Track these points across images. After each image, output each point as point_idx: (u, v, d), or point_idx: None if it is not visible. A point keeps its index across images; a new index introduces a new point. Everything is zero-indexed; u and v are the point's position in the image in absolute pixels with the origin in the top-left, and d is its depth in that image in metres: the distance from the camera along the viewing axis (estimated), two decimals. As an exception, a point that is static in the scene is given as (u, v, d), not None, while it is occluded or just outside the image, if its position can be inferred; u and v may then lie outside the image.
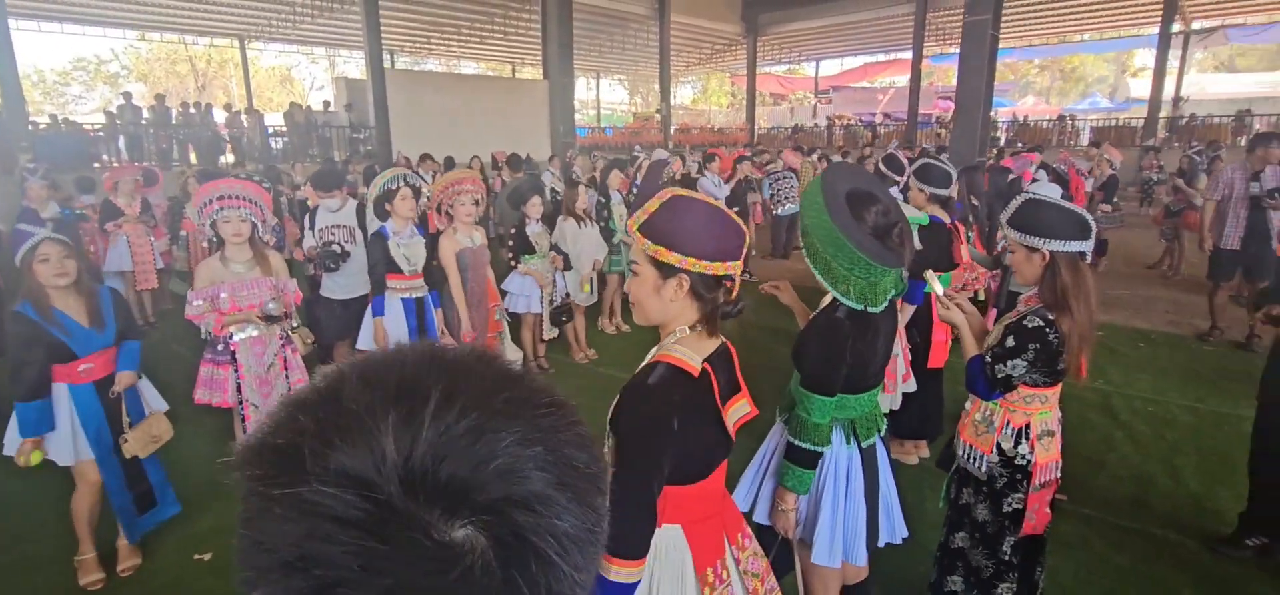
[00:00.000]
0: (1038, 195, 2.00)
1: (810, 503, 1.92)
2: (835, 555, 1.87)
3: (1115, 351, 5.42)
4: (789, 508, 1.86)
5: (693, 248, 1.27)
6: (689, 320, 1.34)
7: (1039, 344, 1.90)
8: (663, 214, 1.29)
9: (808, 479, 1.83)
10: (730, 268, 1.31)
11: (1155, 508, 3.27)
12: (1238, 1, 16.68)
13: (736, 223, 1.35)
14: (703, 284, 1.31)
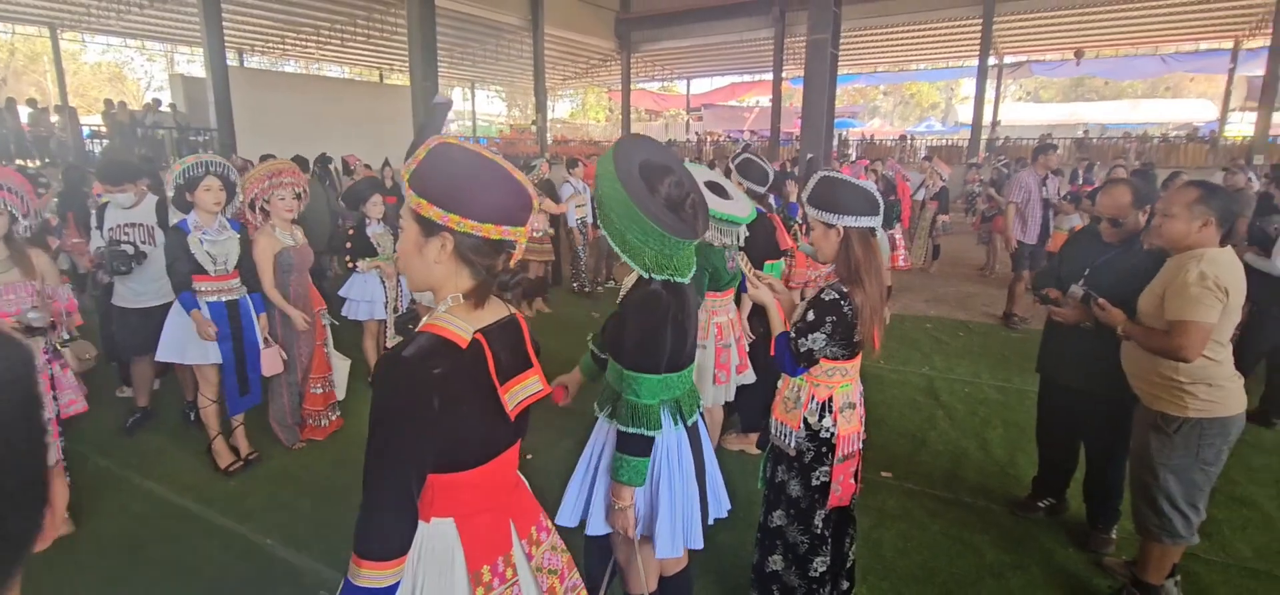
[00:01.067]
0: (832, 174, 2.09)
1: (647, 495, 1.84)
2: (677, 544, 1.81)
3: (940, 341, 5.95)
4: (627, 503, 1.77)
5: (458, 205, 1.14)
6: (461, 287, 1.21)
7: (835, 316, 1.98)
8: (429, 163, 1.15)
9: (643, 468, 1.75)
10: (508, 232, 1.19)
11: (967, 478, 3.57)
12: (1039, 41, 19.27)
13: (519, 184, 1.22)
14: (472, 247, 1.19)
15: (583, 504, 1.88)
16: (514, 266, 1.26)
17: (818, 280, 4.56)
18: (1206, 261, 2.22)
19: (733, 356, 3.18)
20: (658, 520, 1.80)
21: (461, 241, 1.17)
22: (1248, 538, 3.03)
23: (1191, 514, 2.39)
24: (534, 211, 1.26)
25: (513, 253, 1.24)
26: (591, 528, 1.86)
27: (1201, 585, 2.72)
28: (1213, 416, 2.30)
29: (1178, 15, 15.81)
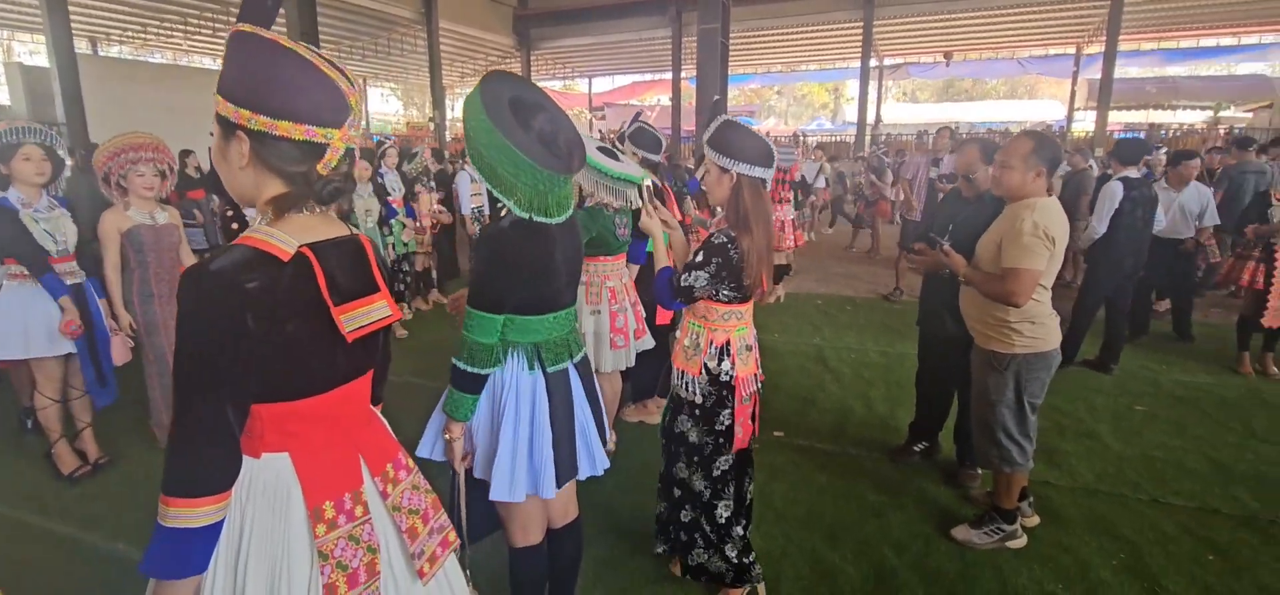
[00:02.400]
0: (734, 120, 2.13)
1: (489, 435, 1.81)
2: (517, 488, 1.76)
3: (829, 315, 6.27)
4: (454, 436, 1.76)
5: (253, 101, 1.02)
6: (270, 195, 1.09)
7: (721, 258, 2.03)
8: (226, 57, 1.05)
9: (468, 404, 1.73)
10: (315, 133, 1.06)
11: (851, 433, 3.77)
12: (913, 45, 20.75)
13: (330, 81, 1.08)
14: (274, 150, 1.06)
15: (436, 437, 1.86)
16: (331, 175, 1.13)
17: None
18: (1038, 211, 2.43)
19: (630, 321, 3.20)
20: (496, 463, 1.76)
21: (262, 142, 1.06)
22: (1089, 465, 3.39)
23: (1026, 443, 2.62)
24: (352, 115, 1.13)
25: (325, 157, 1.11)
26: (421, 449, 1.85)
27: (1053, 506, 3.00)
28: (1035, 352, 2.52)
29: (1030, 22, 17.50)
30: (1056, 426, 3.80)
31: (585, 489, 3.10)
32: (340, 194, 1.15)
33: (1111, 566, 2.60)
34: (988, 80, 28.59)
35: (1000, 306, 2.52)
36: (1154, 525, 2.85)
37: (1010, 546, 2.69)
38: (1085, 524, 2.87)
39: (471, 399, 1.74)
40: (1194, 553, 2.67)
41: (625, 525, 2.87)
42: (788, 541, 2.74)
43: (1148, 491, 3.13)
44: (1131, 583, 2.50)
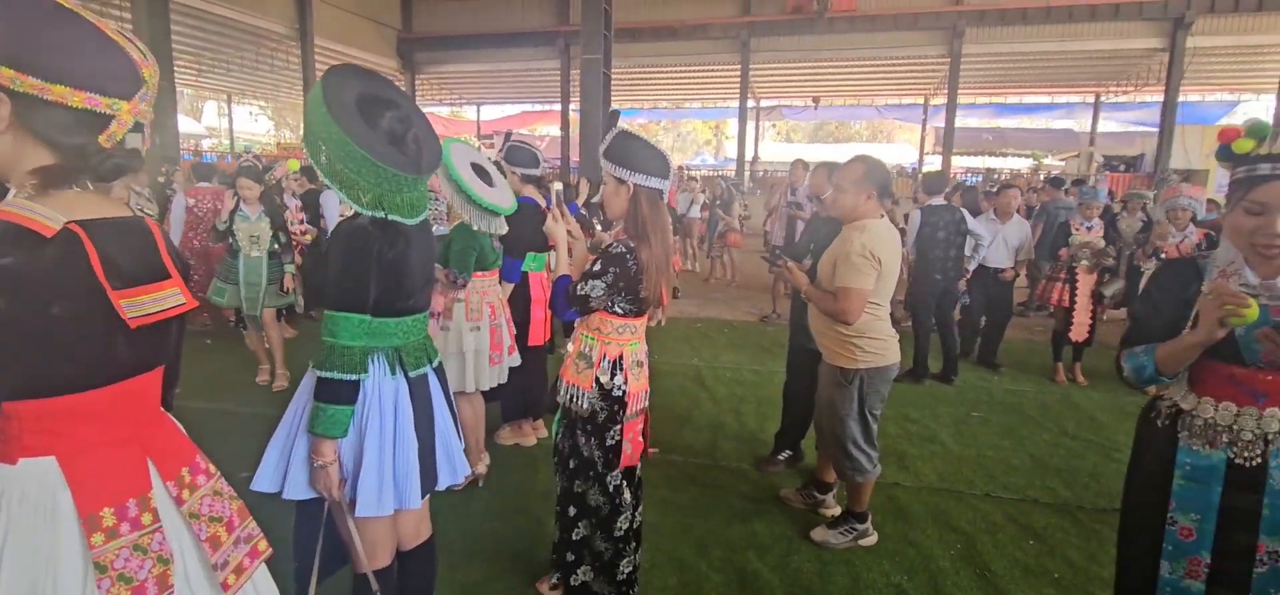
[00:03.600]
0: (631, 132, 2.12)
1: (354, 450, 1.66)
2: (385, 501, 1.64)
3: (708, 337, 6.48)
4: (328, 459, 1.58)
5: (19, 58, 0.92)
6: (34, 165, 0.98)
7: (619, 268, 2.01)
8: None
9: (344, 417, 1.57)
10: (100, 102, 0.98)
11: (723, 446, 3.88)
12: (786, 88, 22.28)
13: (117, 46, 1.00)
14: (43, 117, 0.96)
15: (284, 466, 1.66)
16: (114, 149, 1.03)
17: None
18: (868, 233, 2.61)
19: (505, 337, 3.13)
20: (361, 475, 1.63)
21: (28, 107, 0.95)
22: (933, 466, 3.68)
23: (872, 451, 2.79)
24: (145, 89, 1.04)
25: (109, 129, 1.01)
26: (289, 490, 1.64)
27: (901, 504, 3.23)
28: (875, 366, 2.69)
29: (885, 74, 19.36)
30: (906, 433, 4.11)
31: (452, 512, 2.98)
32: (122, 170, 1.03)
33: (950, 556, 2.82)
34: (852, 124, 31.15)
35: (838, 323, 2.68)
36: (985, 516, 3.14)
37: (863, 544, 2.86)
38: (928, 519, 3.10)
39: (348, 411, 1.58)
40: (1017, 538, 2.96)
41: (493, 549, 2.77)
42: (656, 553, 2.76)
43: (981, 487, 3.44)
44: (966, 569, 2.73)
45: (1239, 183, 1.47)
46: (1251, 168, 1.43)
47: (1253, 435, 1.46)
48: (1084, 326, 5.18)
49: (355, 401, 1.59)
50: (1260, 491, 1.46)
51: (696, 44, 18.45)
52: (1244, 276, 1.48)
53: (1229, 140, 1.46)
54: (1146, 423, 1.67)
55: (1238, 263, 1.49)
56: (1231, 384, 1.49)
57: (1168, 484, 1.55)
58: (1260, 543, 1.46)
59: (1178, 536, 1.55)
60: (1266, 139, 1.42)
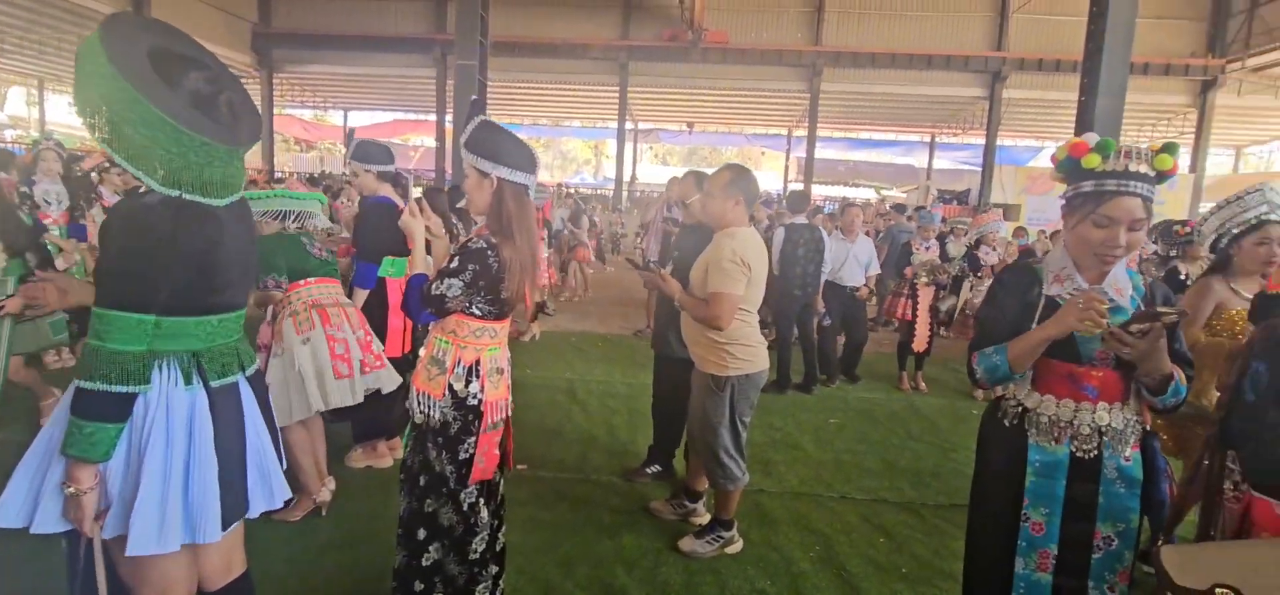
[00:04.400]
0: (495, 122, 1.98)
1: (125, 475, 1.37)
2: (170, 535, 1.36)
3: (582, 351, 6.39)
4: (83, 487, 1.30)
5: None
6: None
7: (478, 266, 1.86)
8: None
9: (106, 437, 1.30)
10: None
11: (594, 460, 3.79)
12: (663, 112, 22.97)
13: None
14: None
15: (35, 495, 1.35)
16: None
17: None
18: (737, 240, 2.64)
19: (354, 348, 2.83)
20: (138, 505, 1.35)
21: None
22: (795, 471, 3.81)
23: (741, 459, 2.81)
24: None
25: None
26: (40, 522, 1.33)
27: (765, 510, 3.30)
28: (746, 373, 2.72)
29: (753, 105, 20.55)
30: (771, 441, 4.25)
31: (285, 545, 2.64)
32: None
33: (810, 558, 2.90)
34: (724, 150, 32.64)
35: (711, 330, 2.68)
36: (841, 518, 3.28)
37: (729, 552, 2.87)
38: (790, 523, 3.19)
39: (114, 429, 1.30)
40: (869, 537, 3.11)
41: (333, 584, 2.49)
42: (520, 575, 2.60)
43: (838, 490, 3.60)
44: (824, 570, 2.81)
45: (1086, 196, 1.56)
46: (1099, 183, 1.54)
47: (1089, 429, 1.58)
48: (924, 338, 5.67)
49: (124, 418, 1.32)
50: (1097, 482, 1.58)
51: (576, 63, 18.52)
52: (1075, 281, 1.60)
53: (1079, 155, 1.56)
54: (993, 423, 1.73)
55: (1069, 268, 1.62)
56: (1069, 382, 1.60)
57: (1020, 481, 1.63)
58: (1097, 530, 1.59)
59: (1031, 532, 1.63)
60: (1111, 155, 1.54)
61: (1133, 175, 1.51)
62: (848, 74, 17.00)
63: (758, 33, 17.24)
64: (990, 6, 16.27)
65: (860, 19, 16.76)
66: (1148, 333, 1.40)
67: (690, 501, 3.13)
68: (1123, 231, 1.51)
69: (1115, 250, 1.52)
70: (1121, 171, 1.51)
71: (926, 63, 16.21)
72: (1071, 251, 1.62)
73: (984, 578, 1.75)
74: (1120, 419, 1.57)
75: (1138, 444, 1.58)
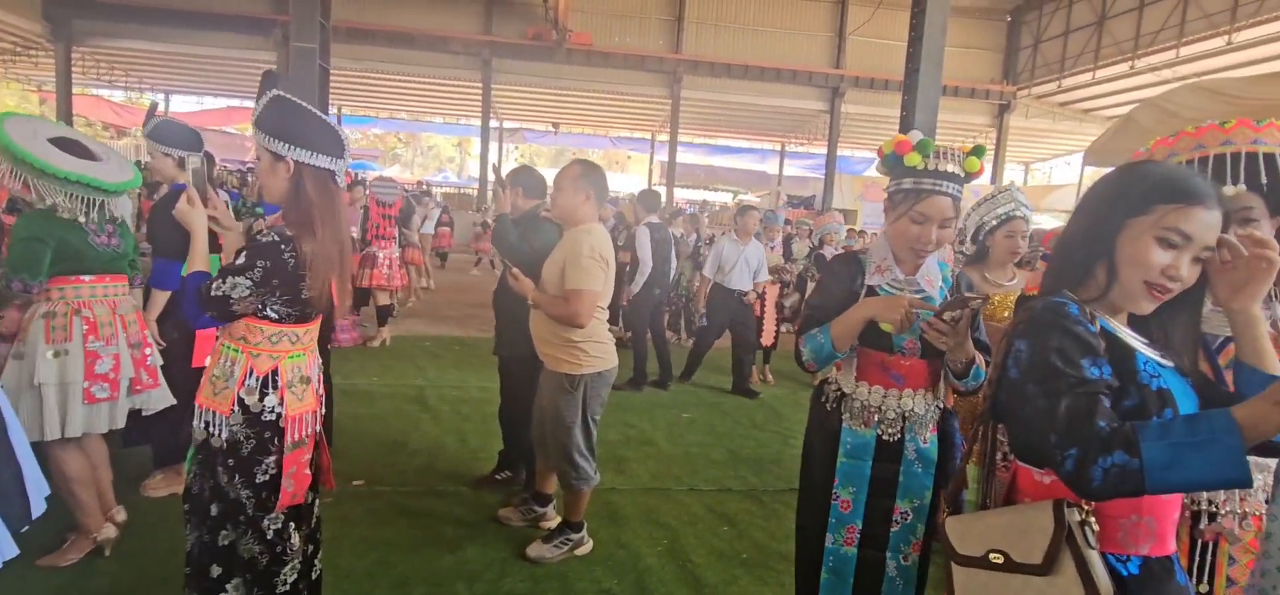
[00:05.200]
0: (290, 97, 1.76)
1: None
2: None
3: (436, 355, 6.11)
4: None
5: None
6: None
7: (270, 262, 1.66)
8: None
9: None
10: None
11: (441, 470, 3.62)
12: (529, 112, 22.61)
13: None
14: None
15: None
16: None
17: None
18: (594, 235, 2.65)
19: (125, 365, 2.45)
20: None
21: None
22: (647, 467, 3.88)
23: (593, 459, 2.80)
24: None
25: None
26: None
27: (616, 508, 3.31)
28: (598, 371, 2.72)
29: (617, 108, 20.78)
30: (625, 439, 4.29)
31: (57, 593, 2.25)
32: None
33: (656, 553, 2.95)
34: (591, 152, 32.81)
35: (566, 328, 2.65)
36: (688, 510, 3.37)
37: (578, 554, 2.85)
38: (639, 519, 3.23)
39: None
40: (713, 527, 3.22)
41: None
42: (348, 601, 2.41)
43: (686, 482, 3.71)
44: (670, 563, 2.87)
45: (906, 193, 1.69)
46: (918, 181, 1.67)
47: (894, 414, 1.72)
48: (771, 333, 6.02)
49: None
50: (898, 462, 1.73)
51: (437, 56, 17.73)
52: (894, 272, 1.75)
53: (903, 152, 1.69)
54: (818, 406, 1.85)
55: (888, 259, 1.76)
56: (881, 370, 1.74)
57: (834, 462, 1.76)
58: (896, 505, 1.74)
59: (840, 509, 1.76)
60: (929, 155, 1.67)
61: (945, 175, 1.66)
62: (706, 82, 17.70)
63: (621, 37, 17.48)
64: (830, 27, 17.67)
65: (717, 30, 17.52)
66: (959, 320, 1.54)
67: (539, 505, 3.08)
68: (934, 228, 1.66)
69: (928, 245, 1.67)
70: (936, 171, 1.66)
71: (776, 76, 17.29)
72: (892, 244, 1.76)
73: (806, 550, 1.86)
74: (923, 405, 1.73)
75: (936, 427, 1.75)
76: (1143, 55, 14.51)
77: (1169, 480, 0.88)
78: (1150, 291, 1.05)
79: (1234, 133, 1.25)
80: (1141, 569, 1.04)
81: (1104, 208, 1.09)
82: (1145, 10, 14.52)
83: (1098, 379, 0.99)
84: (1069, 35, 16.53)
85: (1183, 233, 1.02)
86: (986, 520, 1.15)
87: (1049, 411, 0.99)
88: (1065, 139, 19.95)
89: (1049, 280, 1.17)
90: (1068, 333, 1.02)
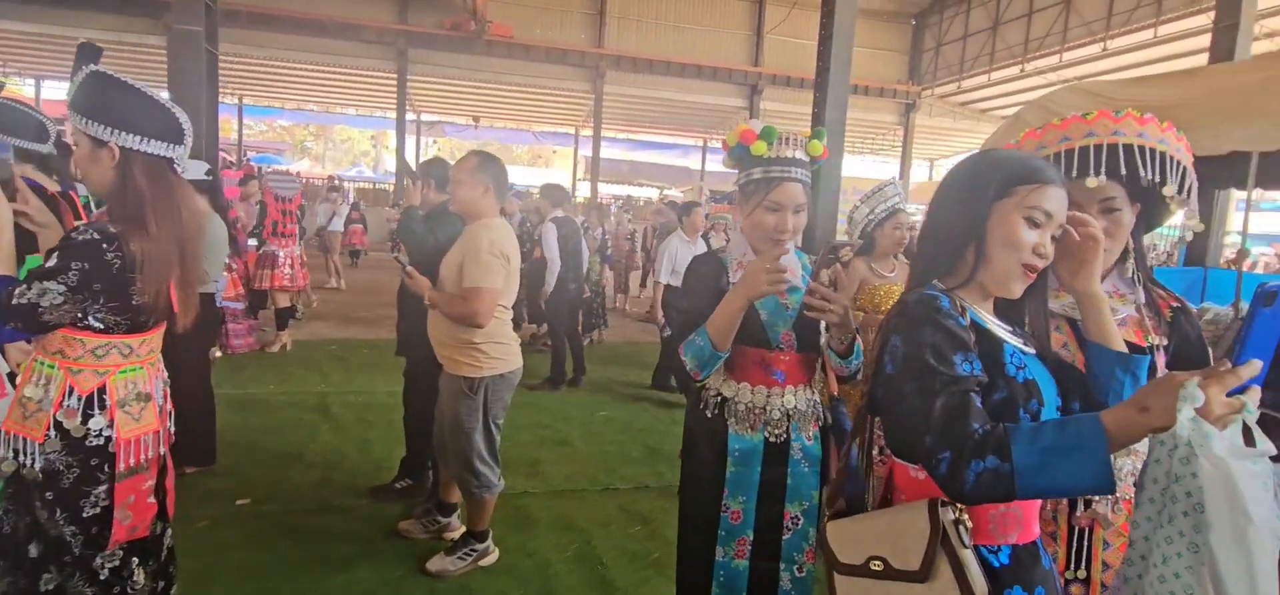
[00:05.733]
0: (112, 74, 1.53)
1: None
2: None
3: (342, 359, 5.79)
4: None
5: None
6: None
7: (88, 264, 1.45)
8: None
9: None
10: None
11: (339, 482, 3.40)
12: (448, 105, 21.88)
13: None
14: None
15: None
16: None
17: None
18: (495, 231, 2.52)
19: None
20: None
21: None
22: (560, 469, 3.78)
23: (495, 464, 2.66)
24: None
25: None
26: None
27: (527, 513, 3.21)
28: (500, 373, 2.59)
29: (539, 103, 20.42)
30: (539, 440, 4.18)
31: None
32: None
33: (565, 558, 2.86)
34: (514, 147, 32.23)
35: (468, 329, 2.50)
36: (602, 511, 3.30)
37: (483, 565, 2.72)
38: (550, 524, 3.13)
39: None
40: (627, 527, 3.17)
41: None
42: (221, 634, 2.20)
43: (602, 482, 3.64)
44: (580, 568, 2.80)
45: (757, 183, 1.64)
46: (767, 170, 1.63)
47: (779, 413, 1.64)
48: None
49: None
50: (786, 464, 1.66)
51: (348, 45, 16.90)
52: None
53: (748, 142, 1.63)
54: (696, 414, 1.73)
55: (749, 254, 1.70)
56: (761, 367, 1.67)
57: (722, 471, 1.66)
58: (786, 510, 1.66)
59: (730, 520, 1.66)
60: (775, 142, 1.63)
61: (792, 161, 1.63)
62: (629, 78, 17.67)
63: (543, 30, 17.18)
64: (748, 26, 18.02)
65: (639, 26, 17.51)
66: (835, 279, 1.51)
67: (443, 516, 2.93)
68: (789, 215, 1.62)
69: (785, 233, 1.62)
70: (784, 158, 1.62)
71: (697, 72, 17.47)
72: (750, 238, 1.71)
73: (693, 567, 1.74)
74: (805, 401, 1.68)
75: (818, 422, 1.71)
76: (1031, 59, 15.61)
77: (1038, 485, 0.89)
78: (1025, 272, 1.07)
79: (1095, 125, 1.28)
80: (1011, 558, 1.05)
81: (969, 195, 1.10)
82: (1033, 17, 15.60)
83: (969, 376, 0.99)
84: (967, 39, 17.53)
85: (1045, 211, 1.05)
86: (865, 524, 1.13)
87: (924, 411, 0.97)
88: (966, 137, 21.14)
89: (918, 270, 1.17)
90: (940, 328, 1.01)
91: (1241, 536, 0.81)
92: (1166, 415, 0.82)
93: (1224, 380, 0.83)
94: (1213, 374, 0.83)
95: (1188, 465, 0.85)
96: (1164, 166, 1.26)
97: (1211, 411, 0.82)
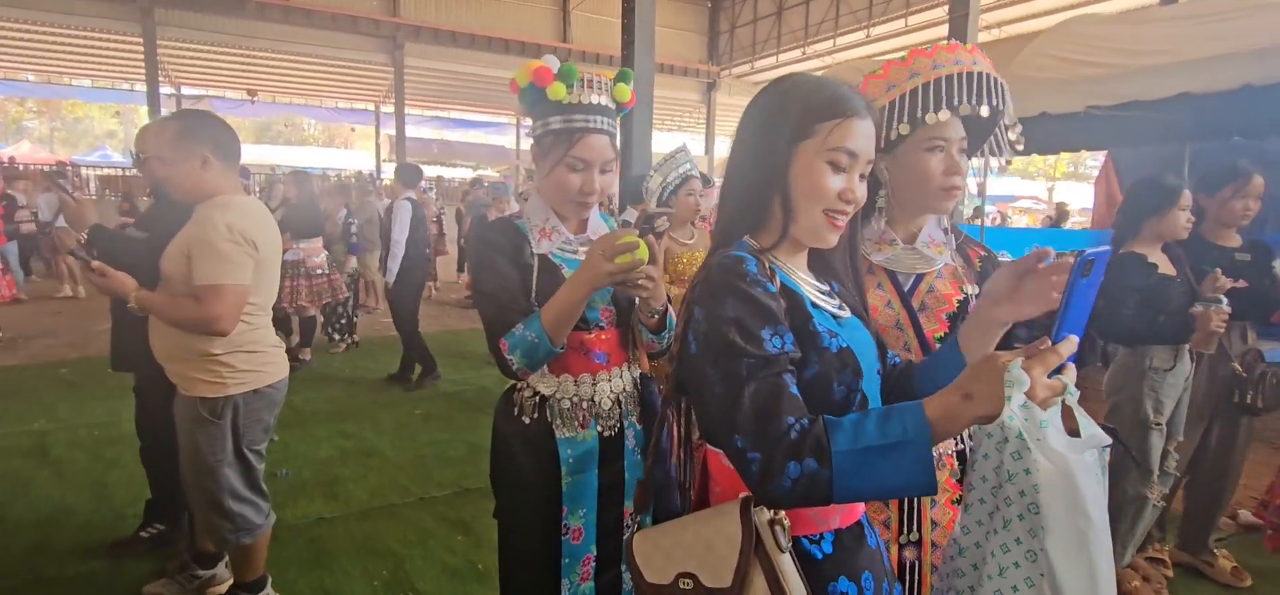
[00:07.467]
0: None
1: None
2: None
3: (78, 386, 4.69)
4: None
5: None
6: None
7: None
8: None
9: None
10: None
11: (60, 543, 2.68)
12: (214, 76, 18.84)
13: None
14: None
15: None
16: None
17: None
18: (231, 211, 1.96)
19: None
20: None
21: None
22: (366, 485, 3.34)
23: (261, 498, 2.17)
24: None
25: None
26: None
27: (324, 545, 2.76)
28: (255, 389, 2.08)
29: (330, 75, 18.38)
30: (340, 454, 3.68)
31: None
32: None
33: (374, 587, 2.50)
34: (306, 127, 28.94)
35: (202, 338, 1.97)
36: (418, 526, 2.95)
37: (265, 621, 2.26)
38: (355, 552, 2.72)
39: None
40: (447, 540, 2.86)
41: None
42: None
43: (416, 492, 3.27)
44: (391, 595, 2.46)
45: (557, 135, 1.39)
46: (567, 118, 1.38)
47: (610, 402, 1.44)
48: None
49: None
50: (622, 457, 1.45)
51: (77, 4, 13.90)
52: (562, 233, 1.45)
53: (544, 83, 1.37)
54: (509, 421, 1.45)
55: (552, 220, 1.45)
56: (581, 354, 1.43)
57: (555, 486, 1.41)
58: (626, 509, 1.46)
59: (572, 543, 1.42)
60: (575, 85, 1.38)
61: (597, 108, 1.41)
62: (432, 51, 16.56)
63: (327, -6, 15.44)
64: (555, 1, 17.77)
65: (438, -6, 16.47)
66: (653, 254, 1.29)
67: (203, 568, 2.38)
68: (596, 173, 1.41)
69: (592, 195, 1.42)
70: (587, 105, 1.40)
71: (505, 47, 16.85)
72: (551, 201, 1.47)
73: None
74: (629, 381, 1.50)
75: (638, 402, 1.52)
76: (811, 43, 17.37)
77: (855, 489, 0.79)
78: (831, 221, 0.95)
79: (938, 56, 1.21)
80: (834, 545, 0.97)
81: (765, 138, 0.97)
82: (810, 5, 17.30)
83: (780, 353, 0.87)
84: (757, 23, 18.91)
85: (849, 150, 0.93)
86: (673, 534, 0.99)
87: (731, 402, 0.85)
88: (764, 115, 22.95)
89: (722, 225, 1.03)
90: (745, 298, 0.88)
91: (1082, 541, 0.76)
92: (993, 402, 0.75)
93: (1046, 360, 0.77)
94: (1034, 353, 0.77)
95: (1020, 461, 0.78)
96: (1004, 96, 1.22)
97: (1035, 394, 0.75)
